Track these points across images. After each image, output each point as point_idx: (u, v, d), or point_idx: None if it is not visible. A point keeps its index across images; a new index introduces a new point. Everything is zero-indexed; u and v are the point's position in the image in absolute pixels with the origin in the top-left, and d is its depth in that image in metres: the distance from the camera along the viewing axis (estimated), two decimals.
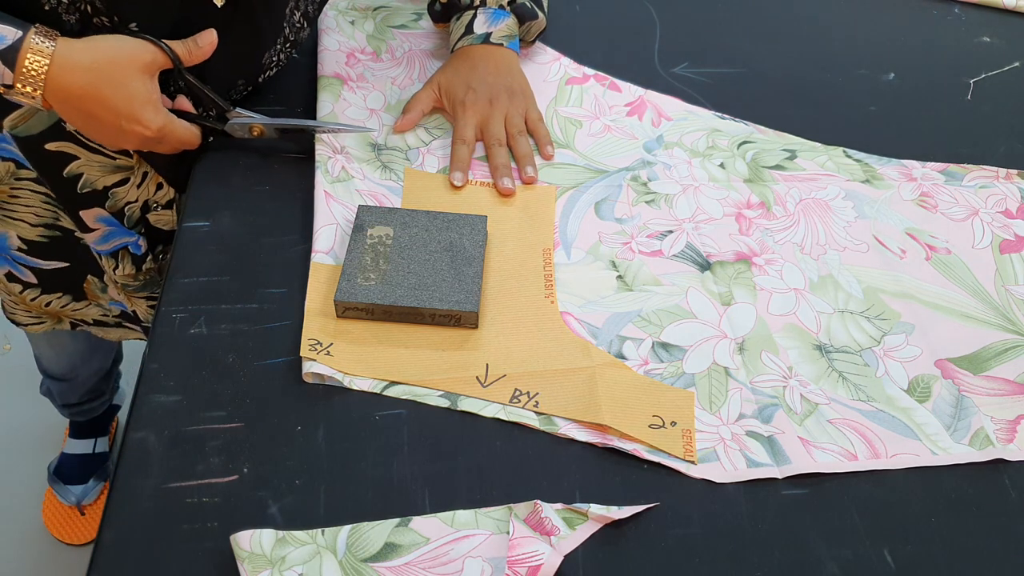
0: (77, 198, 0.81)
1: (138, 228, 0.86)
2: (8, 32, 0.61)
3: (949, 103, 0.92)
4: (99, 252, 0.87)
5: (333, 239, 0.70)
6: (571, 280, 0.70)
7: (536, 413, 0.61)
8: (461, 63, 0.83)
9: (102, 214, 0.83)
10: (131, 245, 0.87)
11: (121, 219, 0.84)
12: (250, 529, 0.53)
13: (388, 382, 0.62)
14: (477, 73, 0.81)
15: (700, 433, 0.61)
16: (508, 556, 0.52)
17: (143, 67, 0.66)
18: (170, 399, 0.60)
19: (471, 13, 0.84)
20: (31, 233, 0.85)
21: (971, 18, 1.04)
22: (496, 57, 0.83)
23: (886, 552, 0.56)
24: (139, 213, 0.85)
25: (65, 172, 0.79)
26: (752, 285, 0.71)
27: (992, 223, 0.79)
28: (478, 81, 0.81)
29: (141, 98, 0.66)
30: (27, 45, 0.61)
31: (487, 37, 0.83)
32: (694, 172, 0.80)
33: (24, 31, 0.61)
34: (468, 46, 0.83)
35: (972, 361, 0.67)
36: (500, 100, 0.81)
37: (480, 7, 0.84)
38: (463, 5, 0.85)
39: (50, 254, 0.88)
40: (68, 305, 0.97)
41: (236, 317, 0.65)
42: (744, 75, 0.93)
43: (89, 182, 0.80)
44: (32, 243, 0.86)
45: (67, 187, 0.80)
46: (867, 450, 0.61)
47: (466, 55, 0.83)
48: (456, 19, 0.85)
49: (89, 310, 0.99)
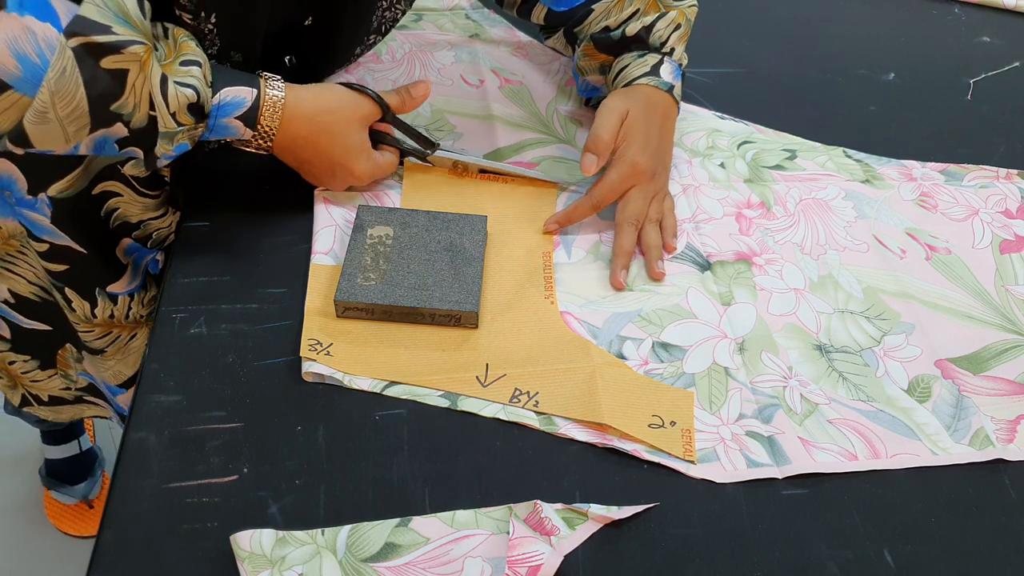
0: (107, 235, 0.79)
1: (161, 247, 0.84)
2: (246, 93, 0.64)
3: (949, 103, 0.92)
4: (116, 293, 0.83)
5: (333, 239, 0.70)
6: (571, 280, 0.70)
7: (536, 413, 0.61)
8: (652, 108, 0.75)
9: (129, 243, 0.81)
10: (149, 263, 0.85)
11: (145, 242, 0.82)
12: (250, 529, 0.53)
13: (388, 382, 0.62)
14: (656, 131, 0.74)
15: (700, 433, 0.61)
16: (508, 556, 0.52)
17: (361, 120, 0.70)
18: (170, 399, 0.60)
19: (658, 57, 0.77)
20: (25, 289, 0.82)
21: (971, 18, 1.04)
22: (672, 118, 0.77)
23: (886, 552, 0.56)
24: (165, 235, 0.83)
25: (103, 210, 0.77)
26: (752, 285, 0.71)
27: (992, 223, 0.79)
28: (656, 143, 0.74)
29: (356, 149, 0.70)
30: (264, 103, 0.65)
31: (671, 88, 0.76)
32: (694, 172, 0.80)
33: (257, 88, 0.64)
34: (653, 88, 0.75)
35: (972, 361, 0.67)
36: (658, 180, 0.75)
37: (667, 56, 0.77)
38: (650, 45, 0.77)
39: (36, 314, 0.85)
40: (31, 372, 0.92)
41: (236, 317, 0.65)
42: (744, 75, 0.93)
43: (122, 216, 0.79)
44: (22, 299, 0.83)
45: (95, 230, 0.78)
46: (867, 450, 0.61)
47: (650, 98, 0.75)
48: (639, 56, 0.77)
49: (51, 383, 0.94)
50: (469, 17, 0.97)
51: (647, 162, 0.73)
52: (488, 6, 0.97)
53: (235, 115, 0.64)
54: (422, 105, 0.75)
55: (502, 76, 0.89)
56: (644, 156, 0.72)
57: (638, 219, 0.72)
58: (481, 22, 0.96)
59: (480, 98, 0.86)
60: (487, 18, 0.97)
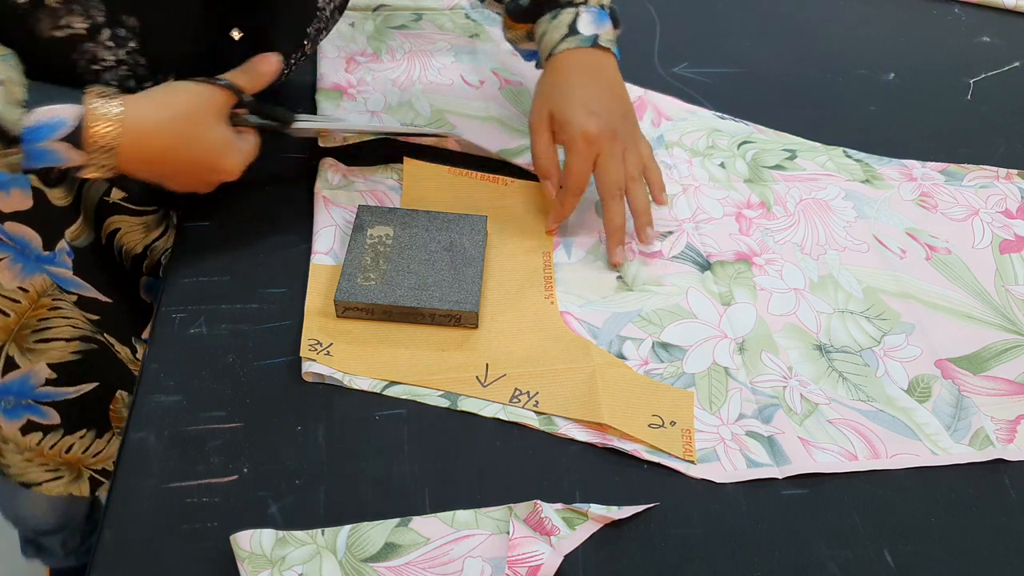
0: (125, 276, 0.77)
1: None
2: (66, 112, 0.55)
3: (949, 103, 0.92)
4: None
5: (333, 239, 0.70)
6: (571, 280, 0.70)
7: (536, 413, 0.61)
8: (571, 76, 0.69)
9: (146, 280, 0.79)
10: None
11: (157, 272, 0.79)
12: (250, 529, 0.53)
13: (388, 382, 0.62)
14: (594, 91, 0.69)
15: (700, 433, 0.61)
16: (508, 556, 0.52)
17: (216, 113, 0.63)
18: (170, 399, 0.60)
19: (572, 11, 0.71)
20: (64, 351, 0.78)
21: (971, 18, 1.04)
22: (608, 69, 0.71)
23: (886, 552, 0.56)
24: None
25: (115, 249, 0.75)
26: (752, 285, 0.71)
27: (992, 223, 0.79)
28: (597, 103, 0.68)
29: (220, 146, 0.63)
30: (92, 121, 0.56)
31: (595, 40, 0.70)
32: (694, 172, 0.80)
33: (80, 103, 0.56)
34: (573, 50, 0.70)
35: (972, 361, 0.67)
36: (621, 133, 0.69)
37: (583, 5, 0.71)
38: (563, 2, 0.72)
39: (80, 374, 0.80)
40: (90, 448, 0.85)
41: (236, 317, 0.65)
42: (744, 75, 0.93)
43: (130, 249, 0.76)
44: (63, 366, 0.78)
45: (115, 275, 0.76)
46: (867, 450, 0.61)
47: (574, 64, 0.70)
48: (552, 17, 0.72)
49: (111, 447, 0.87)
50: (469, 17, 0.97)
51: (597, 125, 0.68)
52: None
53: (54, 138, 0.55)
54: (422, 104, 0.75)
55: (502, 77, 0.89)
56: (591, 121, 0.67)
57: (619, 187, 0.68)
58: (481, 22, 0.96)
59: (480, 99, 0.86)
60: (487, 18, 0.97)
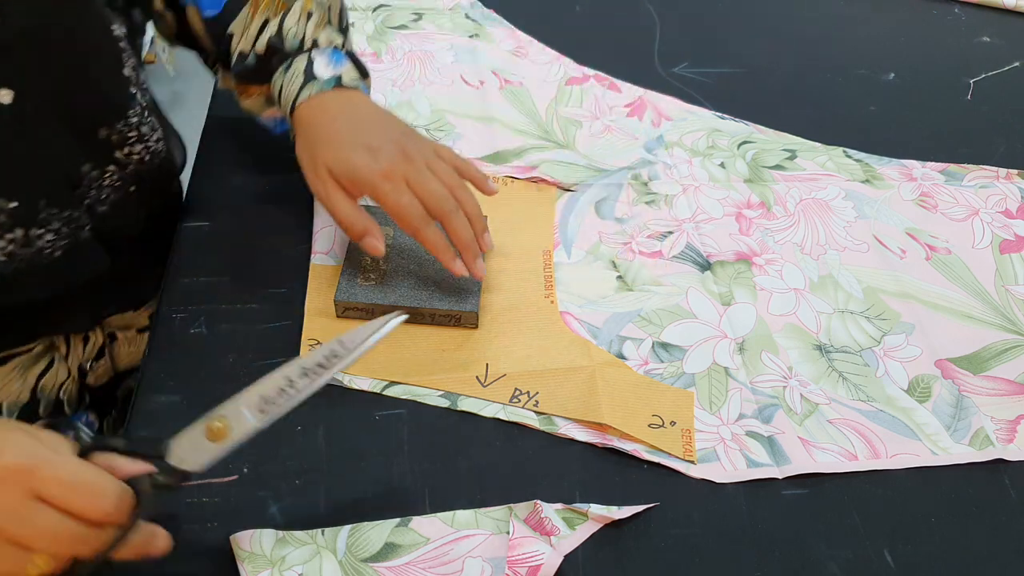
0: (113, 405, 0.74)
1: (80, 407, 0.72)
2: None
3: (949, 103, 0.92)
4: None
5: (333, 239, 0.70)
6: (571, 280, 0.70)
7: (536, 413, 0.61)
8: (327, 123, 0.62)
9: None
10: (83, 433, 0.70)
11: (61, 410, 0.68)
12: (250, 529, 0.53)
13: (388, 382, 0.62)
14: (360, 127, 0.61)
15: (700, 433, 0.61)
16: (508, 556, 0.52)
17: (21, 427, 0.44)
18: (170, 399, 0.60)
19: (304, 57, 0.64)
20: None
21: (971, 18, 1.04)
22: (361, 104, 0.64)
23: (886, 552, 0.56)
24: (76, 388, 0.70)
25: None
26: (752, 285, 0.71)
27: (992, 223, 0.79)
28: (368, 136, 0.61)
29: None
30: None
31: (338, 80, 0.63)
32: (694, 172, 0.80)
33: None
34: (316, 96, 0.63)
35: (972, 361, 0.67)
36: (411, 148, 0.61)
37: (313, 49, 0.65)
38: (287, 51, 0.64)
39: None
40: None
41: (236, 317, 0.65)
42: (744, 75, 0.93)
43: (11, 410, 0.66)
44: None
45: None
46: (867, 450, 0.61)
47: (324, 110, 0.62)
48: (285, 69, 0.64)
49: None
50: (469, 16, 0.97)
51: (386, 156, 0.60)
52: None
53: None
54: (422, 104, 0.73)
55: (502, 77, 0.89)
56: (377, 156, 0.60)
57: (447, 200, 0.61)
58: (481, 22, 0.96)
59: (480, 99, 0.86)
60: (487, 18, 0.97)
